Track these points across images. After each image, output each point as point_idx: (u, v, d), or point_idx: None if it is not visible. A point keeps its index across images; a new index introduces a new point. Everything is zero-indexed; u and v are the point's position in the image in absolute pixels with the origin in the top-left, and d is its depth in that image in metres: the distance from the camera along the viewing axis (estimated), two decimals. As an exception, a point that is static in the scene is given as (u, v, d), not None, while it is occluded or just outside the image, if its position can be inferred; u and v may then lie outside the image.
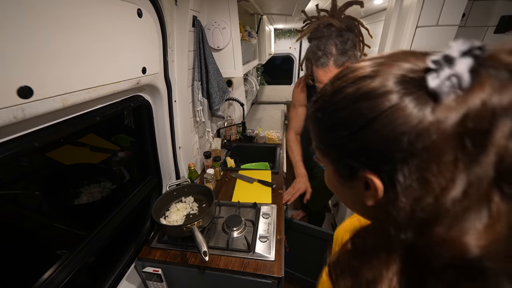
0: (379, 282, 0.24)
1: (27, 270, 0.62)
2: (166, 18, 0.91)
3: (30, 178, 0.66)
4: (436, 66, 0.21)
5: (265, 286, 0.84)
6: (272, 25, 3.28)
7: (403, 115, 0.21)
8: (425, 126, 0.20)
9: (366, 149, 0.25)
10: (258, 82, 3.35)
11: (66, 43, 0.51)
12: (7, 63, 0.41)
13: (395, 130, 0.22)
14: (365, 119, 0.24)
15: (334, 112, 0.28)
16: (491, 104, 0.18)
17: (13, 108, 0.43)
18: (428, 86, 0.20)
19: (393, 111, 0.22)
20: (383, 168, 0.24)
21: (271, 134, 1.91)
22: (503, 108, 0.18)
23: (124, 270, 0.89)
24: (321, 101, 0.30)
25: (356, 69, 0.27)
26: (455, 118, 0.19)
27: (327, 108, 0.29)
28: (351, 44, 0.88)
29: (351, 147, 0.26)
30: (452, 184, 0.20)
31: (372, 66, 0.25)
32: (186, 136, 1.25)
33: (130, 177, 1.04)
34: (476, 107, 0.19)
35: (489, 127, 0.18)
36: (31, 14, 0.44)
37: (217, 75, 1.25)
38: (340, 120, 0.27)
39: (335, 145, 0.29)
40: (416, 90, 0.22)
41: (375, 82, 0.24)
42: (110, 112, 0.74)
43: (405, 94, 0.22)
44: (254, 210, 1.12)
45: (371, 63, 0.26)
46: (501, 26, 1.05)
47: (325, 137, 0.31)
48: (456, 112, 0.19)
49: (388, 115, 0.22)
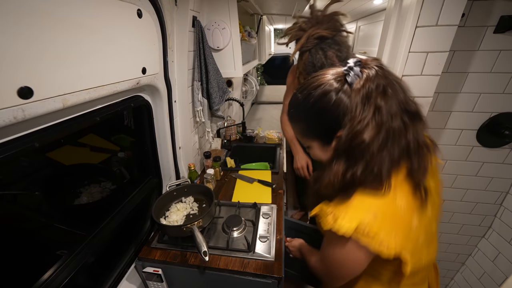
0: (327, 173, 0.54)
1: (27, 270, 0.62)
2: (166, 18, 0.91)
3: (30, 178, 0.66)
4: (347, 71, 0.50)
5: (265, 286, 0.84)
6: (272, 25, 3.28)
7: (341, 100, 0.49)
8: (350, 98, 0.48)
9: (332, 123, 0.51)
10: (258, 82, 3.35)
11: (66, 43, 0.51)
12: (7, 63, 0.41)
13: (342, 107, 0.49)
14: (327, 108, 0.51)
15: (310, 109, 0.53)
16: (369, 77, 0.48)
17: (13, 109, 0.43)
18: (348, 80, 0.49)
19: (337, 100, 0.49)
20: (343, 125, 0.50)
21: (271, 134, 1.91)
22: (371, 78, 0.47)
23: (124, 270, 0.90)
24: (301, 105, 0.56)
25: (312, 82, 0.54)
26: (360, 86, 0.47)
27: (306, 108, 0.54)
28: (346, 46, 0.86)
29: (327, 123, 0.52)
30: (366, 126, 0.47)
31: (319, 78, 0.54)
32: (186, 136, 1.25)
33: (130, 177, 1.04)
34: (365, 81, 0.47)
35: (373, 86, 0.47)
36: (31, 15, 0.44)
37: (217, 75, 1.25)
38: (315, 113, 0.53)
39: (318, 128, 0.55)
40: (342, 83, 0.50)
41: (328, 84, 0.51)
42: (110, 113, 0.74)
43: (339, 88, 0.50)
44: (254, 210, 1.12)
45: (317, 77, 0.54)
46: (501, 26, 1.05)
47: (310, 127, 0.57)
48: (360, 83, 0.48)
49: (336, 102, 0.49)
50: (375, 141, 0.47)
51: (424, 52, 0.92)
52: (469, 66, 1.15)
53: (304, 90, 0.54)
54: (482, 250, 1.60)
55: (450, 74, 1.18)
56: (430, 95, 0.98)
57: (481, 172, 1.39)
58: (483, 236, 1.59)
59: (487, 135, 1.28)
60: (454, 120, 1.28)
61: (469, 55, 1.13)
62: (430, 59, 0.92)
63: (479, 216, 1.53)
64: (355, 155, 0.48)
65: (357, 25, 2.94)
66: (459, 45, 1.10)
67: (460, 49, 1.12)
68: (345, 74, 0.49)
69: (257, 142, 1.91)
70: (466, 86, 1.20)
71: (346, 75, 0.49)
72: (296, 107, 0.57)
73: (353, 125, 0.47)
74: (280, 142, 1.87)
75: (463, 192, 1.47)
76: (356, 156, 0.48)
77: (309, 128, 0.57)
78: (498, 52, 1.10)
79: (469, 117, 1.26)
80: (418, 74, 0.95)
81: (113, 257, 0.88)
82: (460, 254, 1.68)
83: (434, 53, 0.91)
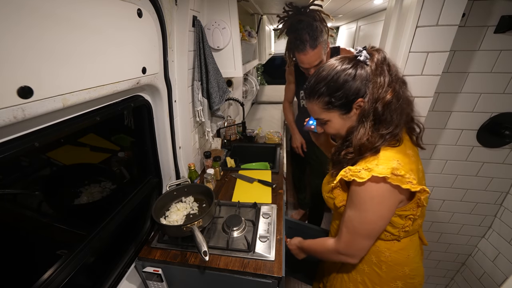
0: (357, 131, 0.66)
1: (27, 270, 0.62)
2: (166, 18, 0.91)
3: (30, 178, 0.66)
4: (358, 53, 0.67)
5: (265, 286, 0.84)
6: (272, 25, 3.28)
7: (360, 74, 0.64)
8: (367, 72, 0.64)
9: (354, 92, 0.65)
10: (258, 82, 3.35)
11: (67, 43, 0.51)
12: (7, 63, 0.41)
13: (361, 80, 0.64)
14: (348, 81, 0.65)
15: (334, 83, 0.66)
16: (377, 56, 0.65)
17: (13, 108, 0.43)
18: (360, 59, 0.66)
19: (356, 75, 0.64)
20: (361, 94, 0.64)
21: (271, 134, 1.91)
22: (378, 56, 0.65)
23: (124, 270, 0.90)
24: (323, 80, 0.68)
25: (329, 65, 0.69)
26: (373, 64, 0.64)
27: (330, 81, 0.66)
28: (320, 30, 1.16)
29: (348, 94, 0.65)
30: (386, 90, 0.62)
31: (333, 62, 0.69)
32: (186, 136, 1.25)
33: (130, 177, 1.04)
34: (374, 59, 0.65)
35: (381, 59, 0.65)
36: (31, 14, 0.44)
37: (217, 75, 1.25)
38: (338, 86, 0.65)
39: (340, 99, 0.66)
40: (356, 63, 0.66)
41: (345, 65, 0.66)
42: (110, 112, 0.74)
43: (355, 66, 0.65)
44: (254, 210, 1.12)
45: (331, 61, 0.70)
46: (501, 26, 1.04)
47: (332, 99, 0.67)
48: (372, 62, 0.65)
49: (356, 77, 0.64)
50: (394, 101, 0.62)
51: (424, 52, 0.91)
52: (469, 66, 1.15)
53: (326, 68, 0.68)
54: (482, 250, 1.60)
55: (451, 74, 1.18)
56: (430, 95, 0.98)
57: (481, 172, 1.39)
58: (483, 236, 1.59)
59: (487, 135, 1.28)
60: (454, 120, 1.28)
61: (469, 55, 1.13)
62: (430, 59, 0.92)
63: (479, 216, 1.53)
64: (379, 112, 0.62)
65: (357, 25, 2.94)
66: (459, 45, 1.10)
67: (461, 49, 1.12)
68: (357, 56, 0.67)
69: (257, 142, 1.91)
70: (467, 86, 1.19)
71: (359, 56, 0.66)
72: (320, 83, 0.68)
73: (376, 91, 0.62)
74: (280, 142, 1.87)
75: (463, 192, 1.47)
76: (380, 113, 0.62)
77: (330, 100, 0.67)
78: (498, 52, 1.10)
79: (469, 117, 1.26)
80: (419, 74, 0.95)
81: (113, 257, 0.88)
82: (460, 254, 1.68)
83: (434, 53, 0.91)
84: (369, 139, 0.63)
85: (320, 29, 1.16)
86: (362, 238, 0.69)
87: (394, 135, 0.63)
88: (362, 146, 0.64)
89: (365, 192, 0.63)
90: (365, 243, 0.70)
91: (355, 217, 0.67)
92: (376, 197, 0.62)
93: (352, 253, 0.72)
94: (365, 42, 2.70)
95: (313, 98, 0.71)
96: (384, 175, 0.58)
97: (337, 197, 0.73)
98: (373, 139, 0.63)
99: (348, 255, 0.73)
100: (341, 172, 0.67)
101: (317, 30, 1.14)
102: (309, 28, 1.14)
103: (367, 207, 0.64)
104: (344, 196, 0.72)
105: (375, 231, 0.68)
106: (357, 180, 0.61)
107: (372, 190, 0.61)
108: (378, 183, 0.60)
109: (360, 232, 0.68)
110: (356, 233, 0.69)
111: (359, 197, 0.65)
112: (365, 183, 0.61)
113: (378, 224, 0.66)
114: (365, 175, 0.60)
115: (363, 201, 0.64)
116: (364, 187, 0.62)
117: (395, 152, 0.63)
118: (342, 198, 0.72)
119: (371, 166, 0.61)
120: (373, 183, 0.60)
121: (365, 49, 0.67)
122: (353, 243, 0.70)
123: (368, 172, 0.60)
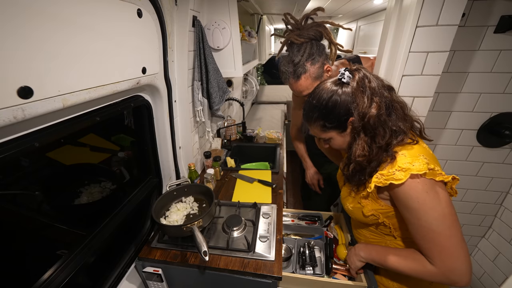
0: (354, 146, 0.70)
1: (27, 270, 0.62)
2: (166, 18, 0.91)
3: (30, 178, 0.66)
4: (341, 76, 0.70)
5: (265, 286, 0.84)
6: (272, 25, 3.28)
7: (346, 94, 0.68)
8: (351, 92, 0.68)
9: (344, 113, 0.68)
10: (258, 82, 3.35)
11: (66, 43, 0.51)
12: (7, 63, 0.41)
13: (347, 101, 0.67)
14: (337, 103, 0.69)
15: (324, 108, 0.71)
16: (358, 74, 0.69)
17: (13, 108, 0.43)
18: (343, 81, 0.69)
19: (342, 97, 0.68)
20: (351, 113, 0.67)
21: (271, 134, 1.91)
22: (359, 75, 0.68)
23: (124, 270, 0.90)
24: (315, 108, 0.73)
25: (318, 90, 0.74)
26: (355, 84, 0.67)
27: (321, 108, 0.72)
28: (308, 53, 0.94)
29: (339, 116, 0.69)
30: (370, 105, 0.65)
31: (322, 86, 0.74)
32: (186, 136, 1.25)
33: (130, 177, 1.04)
34: (355, 78, 0.68)
35: (362, 77, 0.68)
36: (31, 14, 0.44)
37: (217, 75, 1.25)
38: (328, 110, 0.70)
39: (333, 121, 0.71)
40: (341, 85, 0.70)
41: (331, 89, 0.71)
42: (110, 112, 0.74)
43: (341, 88, 0.69)
44: (254, 210, 1.12)
45: (320, 86, 0.75)
46: (501, 26, 1.05)
47: (327, 122, 0.72)
48: (354, 81, 0.68)
49: (342, 99, 0.68)
50: (381, 110, 0.64)
51: (424, 52, 0.91)
52: (469, 66, 1.15)
53: (315, 96, 0.73)
54: (482, 250, 1.60)
55: (451, 74, 1.18)
56: (430, 95, 0.98)
57: (481, 172, 1.39)
58: (483, 236, 1.59)
59: (487, 135, 1.28)
60: (454, 120, 1.28)
61: (469, 55, 1.13)
62: (430, 59, 0.92)
63: (479, 216, 1.53)
64: (370, 126, 0.65)
65: (357, 25, 2.94)
66: (459, 45, 1.10)
67: (461, 49, 1.12)
68: (340, 78, 0.70)
69: (257, 142, 1.91)
70: (466, 86, 1.20)
71: (342, 78, 0.69)
72: (312, 110, 0.74)
73: (360, 108, 0.65)
74: (280, 142, 1.87)
75: (463, 192, 1.47)
76: (371, 127, 0.65)
77: (326, 123, 0.72)
78: (498, 52, 1.10)
79: (469, 117, 1.26)
80: (418, 74, 0.95)
81: (113, 257, 0.88)
82: (460, 254, 1.68)
83: (434, 53, 0.91)
84: (368, 149, 0.66)
85: (311, 50, 0.94)
86: (450, 234, 0.59)
87: (400, 134, 0.65)
88: (365, 155, 0.67)
89: (416, 190, 0.59)
90: (458, 233, 0.59)
91: (428, 218, 0.59)
92: (429, 190, 0.59)
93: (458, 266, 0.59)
94: (365, 42, 2.70)
95: (310, 123, 0.76)
96: (423, 171, 0.58)
97: (366, 206, 0.72)
98: (375, 147, 0.65)
99: (454, 270, 0.59)
100: (373, 179, 0.65)
101: (304, 54, 0.93)
102: (296, 53, 0.95)
103: (428, 202, 0.59)
104: (374, 205, 0.71)
105: (456, 224, 0.59)
106: (394, 183, 0.60)
107: (418, 186, 0.59)
108: (419, 178, 0.59)
109: (442, 233, 0.59)
110: (441, 234, 0.59)
111: (412, 199, 0.60)
112: (406, 183, 0.59)
113: (453, 212, 0.59)
114: (402, 176, 0.59)
115: (422, 199, 0.59)
116: (410, 186, 0.59)
117: (416, 149, 0.65)
118: (371, 207, 0.71)
119: (404, 166, 0.60)
120: (413, 180, 0.59)
121: (347, 70, 0.69)
122: (451, 250, 0.59)
123: (404, 172, 0.59)
